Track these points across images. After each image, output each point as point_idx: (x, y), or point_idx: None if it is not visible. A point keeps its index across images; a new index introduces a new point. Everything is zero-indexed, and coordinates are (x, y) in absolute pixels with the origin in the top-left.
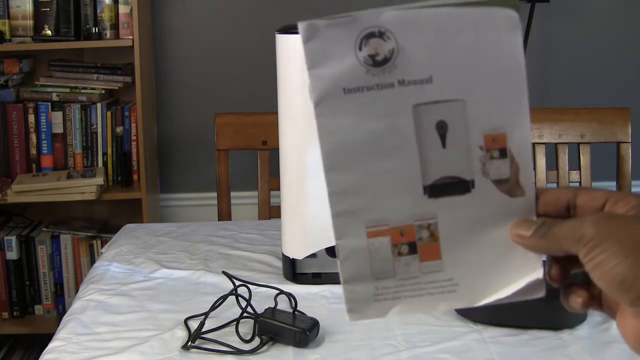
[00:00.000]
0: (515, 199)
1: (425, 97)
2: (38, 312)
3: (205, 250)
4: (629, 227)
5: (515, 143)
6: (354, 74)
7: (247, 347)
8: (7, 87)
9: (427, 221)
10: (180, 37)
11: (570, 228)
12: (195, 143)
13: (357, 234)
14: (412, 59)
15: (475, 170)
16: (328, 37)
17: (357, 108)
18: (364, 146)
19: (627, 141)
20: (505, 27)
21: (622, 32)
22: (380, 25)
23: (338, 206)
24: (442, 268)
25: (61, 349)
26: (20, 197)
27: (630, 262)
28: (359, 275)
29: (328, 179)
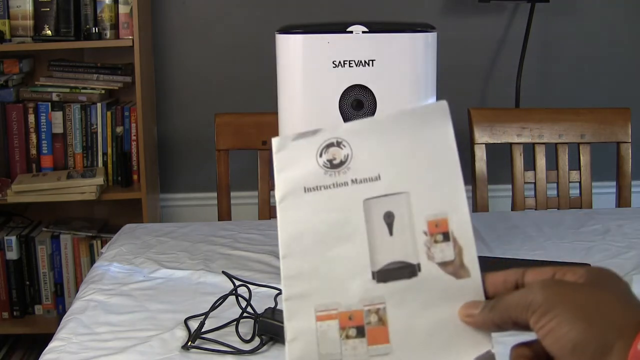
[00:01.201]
0: (461, 280)
1: (375, 192)
2: (38, 312)
3: (205, 250)
4: (577, 292)
5: (456, 226)
6: (314, 176)
7: (247, 347)
8: (7, 87)
9: (375, 306)
10: (180, 37)
11: (519, 296)
12: (195, 143)
13: (306, 316)
14: (363, 161)
15: (421, 254)
16: (295, 148)
17: (315, 203)
18: (318, 235)
19: (627, 141)
20: (438, 119)
21: (622, 32)
22: (337, 137)
23: (291, 289)
24: (391, 351)
25: (61, 349)
26: (20, 197)
27: (579, 327)
28: (305, 357)
29: (284, 265)
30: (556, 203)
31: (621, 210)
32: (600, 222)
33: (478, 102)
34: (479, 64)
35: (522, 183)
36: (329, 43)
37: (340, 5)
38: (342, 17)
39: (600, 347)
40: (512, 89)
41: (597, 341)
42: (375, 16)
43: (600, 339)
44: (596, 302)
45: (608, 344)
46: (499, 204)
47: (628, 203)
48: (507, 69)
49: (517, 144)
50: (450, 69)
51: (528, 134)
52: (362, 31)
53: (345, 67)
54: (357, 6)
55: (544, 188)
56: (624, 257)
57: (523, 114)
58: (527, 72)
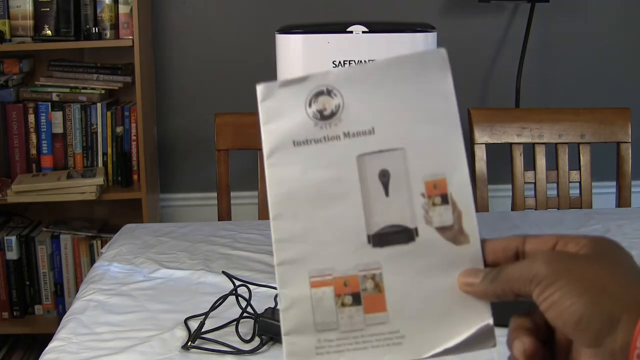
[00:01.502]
0: (460, 247)
1: (369, 148)
2: (38, 312)
3: (205, 250)
4: (581, 265)
5: (455, 188)
6: (304, 128)
7: (247, 347)
8: (7, 87)
9: (371, 271)
10: (180, 37)
11: (522, 268)
12: (195, 143)
13: (300, 283)
14: (355, 112)
15: (419, 218)
16: (282, 96)
17: (305, 159)
18: (310, 195)
19: (627, 141)
20: (436, 67)
21: (622, 32)
22: (327, 84)
23: (283, 254)
24: (387, 320)
25: (61, 349)
26: (20, 197)
27: (585, 300)
28: (301, 327)
29: (274, 227)
30: (556, 203)
31: (621, 210)
32: (600, 222)
33: (478, 102)
34: (479, 64)
35: (522, 183)
36: (329, 43)
37: (340, 5)
38: (342, 17)
39: (605, 321)
40: (512, 89)
41: (603, 315)
42: (375, 16)
43: (605, 314)
44: (601, 274)
45: (614, 318)
46: (499, 204)
47: (628, 203)
48: (507, 69)
49: (517, 144)
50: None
51: (528, 134)
52: (362, 31)
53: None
54: (357, 6)
55: (544, 188)
56: None
57: (523, 114)
58: (527, 72)
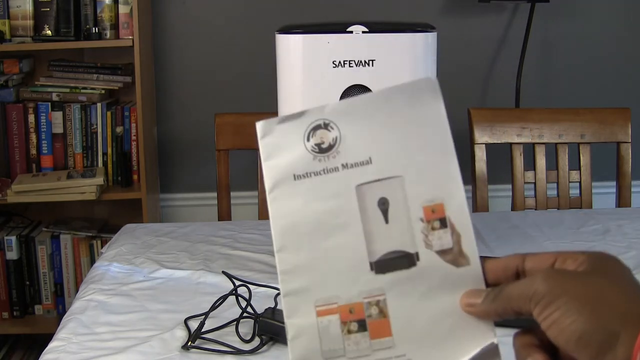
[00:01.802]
0: (461, 269)
1: (367, 177)
2: (38, 312)
3: (205, 250)
4: (580, 282)
5: (453, 211)
6: (303, 162)
7: (247, 347)
8: (7, 87)
9: (375, 298)
10: (180, 37)
11: (521, 287)
12: (195, 143)
13: (306, 312)
14: (352, 144)
15: (419, 242)
16: (281, 132)
17: (306, 191)
18: (312, 226)
19: (627, 141)
20: (428, 95)
21: (622, 32)
22: (324, 118)
23: (288, 285)
24: (393, 344)
25: (61, 349)
26: (20, 197)
27: (584, 318)
28: (308, 355)
29: (279, 259)
30: (556, 203)
31: (621, 210)
32: (600, 222)
33: (478, 102)
34: (479, 64)
35: (522, 183)
36: (329, 43)
37: (340, 5)
38: (342, 17)
39: (605, 337)
40: (512, 89)
41: (602, 331)
42: (375, 16)
43: (605, 329)
44: (599, 291)
45: (613, 334)
46: (499, 204)
47: (628, 203)
48: (507, 69)
49: (517, 144)
50: (450, 69)
51: (528, 134)
52: (362, 31)
53: (345, 67)
54: (357, 6)
55: (544, 188)
56: (624, 257)
57: (523, 114)
58: (527, 72)
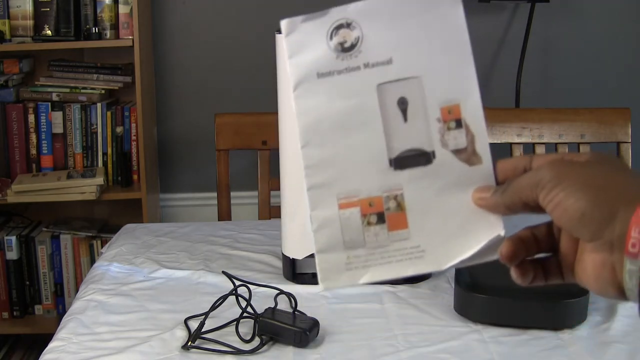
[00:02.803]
0: (474, 167)
1: (388, 77)
2: (38, 312)
3: (205, 250)
4: (583, 169)
5: (469, 113)
6: (326, 60)
7: (247, 347)
8: (7, 87)
9: (394, 192)
10: (180, 37)
11: (529, 176)
12: (195, 143)
13: (329, 205)
14: (374, 43)
15: (435, 141)
16: (304, 30)
17: (329, 89)
18: (335, 123)
19: (627, 141)
20: (449, 0)
21: (622, 32)
22: (347, 17)
23: (312, 179)
24: (409, 236)
25: (61, 349)
26: (20, 197)
27: (588, 198)
28: (331, 245)
29: (304, 154)
30: None
31: None
32: None
33: None
34: (479, 64)
35: None
36: None
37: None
38: None
39: (605, 214)
40: (512, 89)
41: (603, 208)
42: None
43: (605, 207)
44: (601, 175)
45: (613, 211)
46: None
47: None
48: (507, 69)
49: (517, 144)
50: None
51: (528, 134)
52: None
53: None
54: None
55: None
56: None
57: (523, 114)
58: (527, 72)
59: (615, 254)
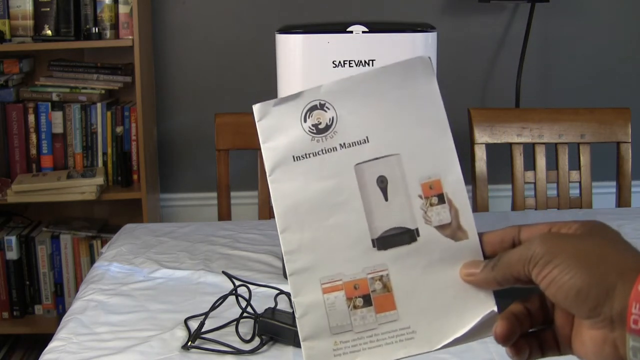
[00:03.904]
0: (459, 242)
1: (365, 156)
2: (38, 312)
3: (205, 250)
4: (575, 243)
5: (450, 187)
6: (301, 143)
7: (247, 347)
8: (7, 87)
9: (379, 273)
10: (180, 37)
11: (520, 251)
12: (195, 143)
13: (313, 290)
14: (349, 123)
15: (418, 218)
16: (277, 114)
17: (305, 172)
18: (314, 205)
19: (627, 141)
20: (422, 73)
21: (622, 32)
22: (320, 98)
23: (294, 264)
24: (398, 317)
25: (61, 349)
26: (20, 197)
27: (583, 273)
28: (317, 332)
29: (283, 239)
30: (556, 203)
31: (621, 210)
32: None
33: (478, 102)
34: (479, 64)
35: (522, 183)
36: (329, 43)
37: (340, 5)
38: (342, 17)
39: (603, 290)
40: (512, 89)
41: (600, 285)
42: (375, 16)
43: (602, 283)
44: (595, 249)
45: (610, 287)
46: (499, 204)
47: (628, 203)
48: (507, 69)
49: (517, 144)
50: (450, 69)
51: (528, 134)
52: (362, 31)
53: (345, 67)
54: (357, 6)
55: (544, 188)
56: None
57: (523, 114)
58: (527, 72)
59: (616, 331)
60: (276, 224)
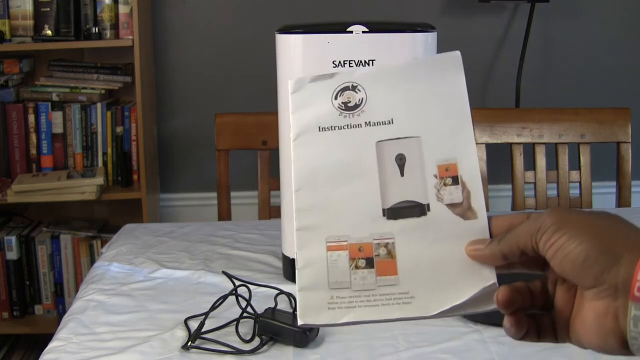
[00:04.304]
0: (468, 222)
1: (387, 135)
2: (38, 312)
3: (205, 250)
4: (583, 216)
5: (465, 171)
6: (329, 116)
7: (247, 347)
8: (7, 87)
9: (385, 240)
10: (180, 37)
11: (528, 224)
12: (195, 143)
13: (317, 246)
14: (377, 106)
15: (431, 195)
16: (311, 90)
17: (329, 141)
18: (331, 173)
19: (627, 141)
20: (451, 68)
21: (622, 32)
22: (353, 81)
23: (302, 221)
24: (398, 282)
25: (61, 349)
26: (20, 197)
27: (590, 242)
28: (315, 284)
29: (296, 197)
30: (556, 203)
31: (621, 210)
32: None
33: (478, 102)
34: (479, 64)
35: (522, 183)
36: (329, 43)
37: (340, 5)
38: (342, 17)
39: (609, 258)
40: (512, 89)
41: (606, 253)
42: (375, 16)
43: (609, 251)
44: (602, 223)
45: (617, 256)
46: (499, 204)
47: (628, 203)
48: (507, 69)
49: (517, 144)
50: None
51: (528, 134)
52: (362, 31)
53: (345, 67)
54: (357, 6)
55: (544, 188)
56: None
57: (523, 114)
58: (527, 72)
59: (619, 300)
60: (292, 183)
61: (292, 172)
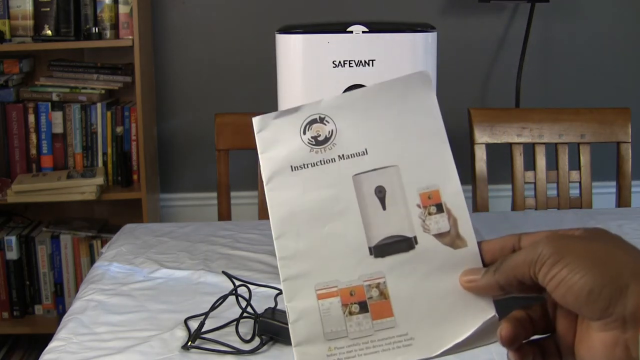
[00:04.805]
0: (458, 251)
1: (363, 167)
2: (38, 312)
3: (205, 250)
4: (582, 244)
5: (449, 197)
6: (300, 153)
7: (247, 347)
8: (7, 87)
9: (375, 280)
10: (180, 37)
11: (525, 253)
12: (195, 143)
13: (307, 296)
14: (348, 136)
15: (416, 227)
16: (277, 127)
17: (303, 181)
18: (310, 214)
19: (627, 141)
20: (421, 88)
21: (622, 32)
22: (320, 112)
23: (288, 270)
24: (395, 324)
25: (61, 349)
26: (20, 197)
27: (594, 273)
28: (311, 337)
29: (278, 246)
30: (556, 203)
31: (621, 210)
32: (600, 222)
33: (478, 102)
34: (479, 64)
35: (522, 183)
36: (329, 43)
37: (340, 5)
38: (342, 17)
39: (615, 289)
40: (512, 89)
41: (612, 284)
42: (375, 16)
43: (614, 282)
44: (603, 250)
45: (623, 286)
46: (499, 204)
47: (628, 203)
48: (507, 69)
49: (517, 144)
50: (450, 69)
51: (528, 134)
52: (362, 31)
53: (345, 67)
54: (357, 6)
55: (544, 188)
56: None
57: (523, 114)
58: (527, 72)
59: (628, 332)
60: (271, 231)
61: (270, 219)
